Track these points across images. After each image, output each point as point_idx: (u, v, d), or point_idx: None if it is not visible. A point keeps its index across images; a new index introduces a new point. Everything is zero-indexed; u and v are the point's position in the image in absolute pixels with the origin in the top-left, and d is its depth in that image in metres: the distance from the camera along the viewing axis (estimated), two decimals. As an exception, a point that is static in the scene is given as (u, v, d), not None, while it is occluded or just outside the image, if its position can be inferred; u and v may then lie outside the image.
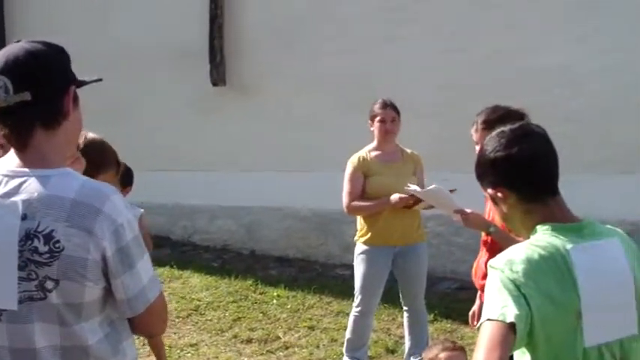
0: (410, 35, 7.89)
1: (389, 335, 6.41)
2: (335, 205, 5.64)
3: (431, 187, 4.56)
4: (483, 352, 1.98)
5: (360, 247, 5.44)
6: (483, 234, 4.18)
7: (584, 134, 7.04)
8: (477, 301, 4.41)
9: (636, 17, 6.93)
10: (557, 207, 2.27)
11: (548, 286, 2.08)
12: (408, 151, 5.53)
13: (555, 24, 7.24)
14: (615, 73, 7.03)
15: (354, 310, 5.49)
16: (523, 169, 2.26)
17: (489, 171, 2.33)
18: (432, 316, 6.57)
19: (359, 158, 5.44)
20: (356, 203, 5.37)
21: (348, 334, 5.54)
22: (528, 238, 2.26)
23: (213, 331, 6.54)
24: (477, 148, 4.05)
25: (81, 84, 2.17)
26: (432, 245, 7.61)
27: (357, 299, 5.45)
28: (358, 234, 5.48)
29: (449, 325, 6.50)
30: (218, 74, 8.85)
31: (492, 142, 2.33)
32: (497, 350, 1.97)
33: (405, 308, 5.62)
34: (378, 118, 5.38)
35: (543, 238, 2.19)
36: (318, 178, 7.86)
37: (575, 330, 2.10)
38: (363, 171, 5.39)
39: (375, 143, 5.47)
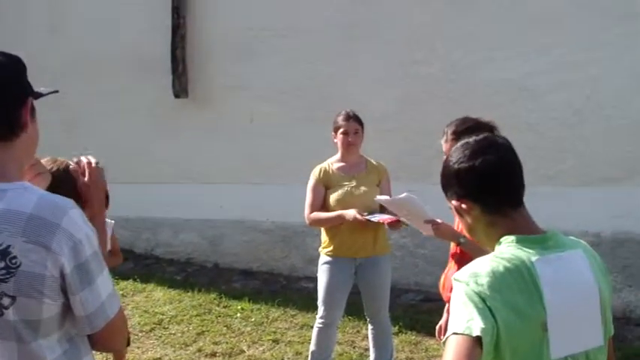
0: (370, 48, 7.93)
1: (353, 348, 6.38)
2: (298, 218, 5.62)
3: (402, 195, 4.43)
4: None
5: (323, 258, 5.43)
6: (452, 246, 4.21)
7: (545, 146, 7.09)
8: (445, 315, 4.42)
9: (596, 30, 7.01)
10: (522, 218, 2.25)
11: (514, 299, 2.06)
12: (374, 162, 5.52)
13: (515, 36, 7.30)
14: (575, 86, 7.10)
15: (318, 322, 5.45)
16: (487, 180, 2.24)
17: (453, 182, 2.30)
18: (396, 327, 6.56)
19: (320, 170, 5.45)
20: (315, 215, 5.37)
21: (312, 346, 5.51)
22: (493, 250, 2.24)
23: (177, 345, 6.47)
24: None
25: (38, 96, 2.13)
26: (396, 257, 7.63)
27: (320, 311, 5.43)
28: (322, 245, 5.47)
29: (414, 337, 6.48)
30: (180, 85, 8.78)
31: (456, 153, 2.31)
32: None
33: (369, 320, 5.61)
34: (341, 130, 5.38)
35: (508, 250, 2.17)
36: (281, 191, 7.85)
37: (542, 342, 2.08)
38: (324, 183, 5.39)
39: (338, 155, 5.47)
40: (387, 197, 4.79)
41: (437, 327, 4.52)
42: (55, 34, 9.48)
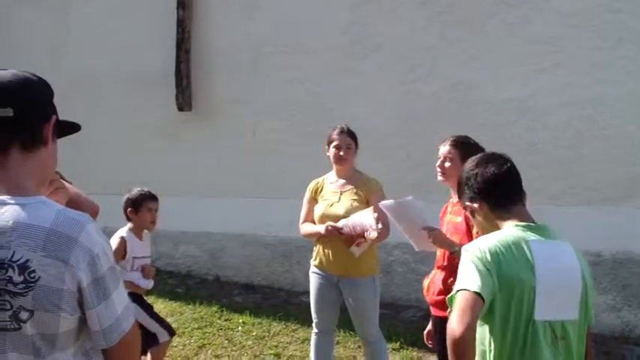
0: (372, 66, 7.99)
1: (354, 363, 6.42)
2: (299, 233, 5.66)
3: (407, 197, 4.42)
4: (456, 316, 2.52)
5: (311, 268, 5.53)
6: (439, 256, 4.45)
7: (545, 166, 7.13)
8: (431, 322, 4.69)
9: (596, 52, 7.07)
10: (522, 213, 2.87)
11: (511, 265, 2.63)
12: (369, 178, 5.47)
13: (518, 57, 7.35)
14: (576, 106, 7.15)
15: (313, 331, 5.58)
16: (491, 181, 2.88)
17: (466, 187, 2.95)
18: (397, 344, 6.60)
19: (315, 183, 5.57)
20: (303, 227, 5.53)
21: (311, 355, 5.60)
22: None
23: (179, 358, 6.50)
24: (447, 164, 4.48)
25: (63, 123, 2.21)
26: (398, 273, 7.69)
27: (314, 319, 5.55)
28: (313, 256, 5.54)
29: (415, 354, 6.52)
30: (184, 99, 8.84)
31: (467, 165, 3.00)
32: (468, 314, 2.50)
33: (361, 338, 5.67)
34: (333, 144, 5.41)
35: (509, 231, 2.77)
36: (282, 205, 7.88)
37: (530, 303, 2.62)
38: (315, 196, 5.50)
39: (334, 170, 5.52)
40: (390, 201, 4.58)
41: (425, 332, 4.80)
42: (60, 51, 9.56)
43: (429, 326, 4.72)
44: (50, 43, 9.68)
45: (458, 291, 2.60)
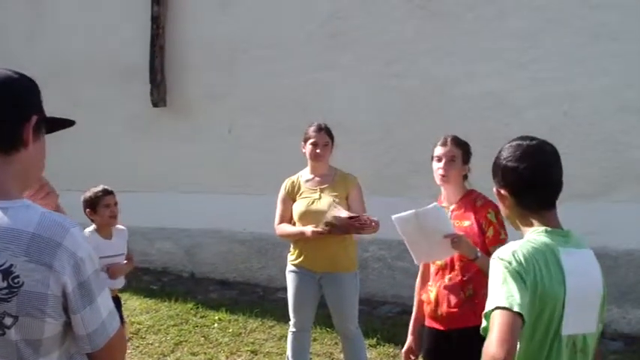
0: (350, 60, 7.97)
1: (331, 359, 6.40)
2: (275, 231, 5.64)
3: (429, 206, 4.09)
4: (497, 340, 2.24)
5: (289, 266, 5.51)
6: (441, 266, 4.24)
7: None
8: (410, 337, 4.47)
9: (572, 48, 7.09)
10: (549, 216, 2.63)
11: (544, 278, 2.42)
12: (344, 173, 5.49)
13: (495, 51, 7.36)
14: (552, 102, 7.17)
15: (290, 329, 5.57)
16: (524, 183, 2.61)
17: (499, 173, 2.68)
18: (374, 340, 6.60)
19: (289, 182, 5.54)
20: (280, 228, 5.50)
21: (288, 353, 5.60)
22: (521, 231, 2.68)
23: (155, 356, 6.46)
24: (440, 163, 4.25)
25: (52, 120, 2.16)
26: (374, 269, 7.68)
27: (291, 317, 5.54)
28: (289, 254, 5.53)
29: (392, 350, 6.51)
30: (159, 94, 8.79)
31: (509, 150, 2.68)
32: (510, 337, 2.24)
33: (339, 334, 5.69)
34: (310, 141, 5.41)
35: (538, 238, 2.53)
36: (258, 201, 7.83)
37: (559, 318, 2.45)
38: (291, 195, 5.47)
39: (309, 167, 5.51)
40: (408, 212, 4.14)
41: (403, 351, 4.53)
42: (34, 42, 9.46)
43: (410, 342, 4.47)
44: (25, 34, 9.58)
45: (496, 308, 2.32)
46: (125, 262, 5.48)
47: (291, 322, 5.55)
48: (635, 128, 6.93)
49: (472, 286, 4.11)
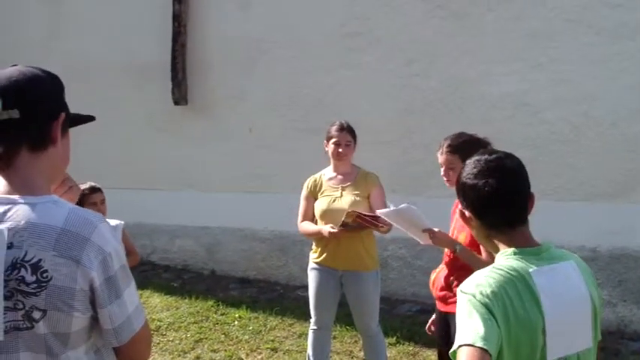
0: (370, 60, 8.00)
1: (351, 358, 6.42)
2: (296, 227, 5.67)
3: (401, 205, 4.37)
4: None
5: (310, 264, 5.55)
6: (446, 252, 4.36)
7: (542, 161, 7.13)
8: (435, 312, 4.61)
9: (593, 48, 7.08)
10: (517, 235, 2.39)
11: (515, 307, 2.21)
12: (366, 172, 5.52)
13: (514, 52, 7.36)
14: (572, 102, 7.17)
15: (311, 326, 5.59)
16: (485, 202, 2.38)
17: (460, 193, 2.47)
18: (394, 338, 6.63)
19: (312, 180, 5.58)
20: (302, 226, 5.54)
21: (309, 351, 5.62)
22: (492, 253, 2.48)
23: (175, 353, 6.50)
24: (442, 169, 4.33)
25: (74, 116, 2.19)
26: (394, 268, 7.70)
27: (312, 315, 5.57)
28: (312, 251, 5.57)
29: (411, 348, 6.53)
30: (180, 93, 8.83)
31: (468, 167, 2.46)
32: None
33: (360, 332, 5.71)
34: (333, 140, 5.44)
35: (507, 262, 2.31)
36: (279, 200, 7.89)
37: (542, 346, 2.23)
38: (314, 193, 5.51)
39: (331, 165, 5.54)
40: (387, 209, 4.54)
41: (430, 321, 4.73)
42: (55, 42, 9.52)
43: (434, 316, 4.67)
44: (44, 32, 9.63)
45: (460, 346, 2.13)
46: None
47: (312, 320, 5.57)
48: (655, 129, 6.93)
49: (456, 275, 4.20)
